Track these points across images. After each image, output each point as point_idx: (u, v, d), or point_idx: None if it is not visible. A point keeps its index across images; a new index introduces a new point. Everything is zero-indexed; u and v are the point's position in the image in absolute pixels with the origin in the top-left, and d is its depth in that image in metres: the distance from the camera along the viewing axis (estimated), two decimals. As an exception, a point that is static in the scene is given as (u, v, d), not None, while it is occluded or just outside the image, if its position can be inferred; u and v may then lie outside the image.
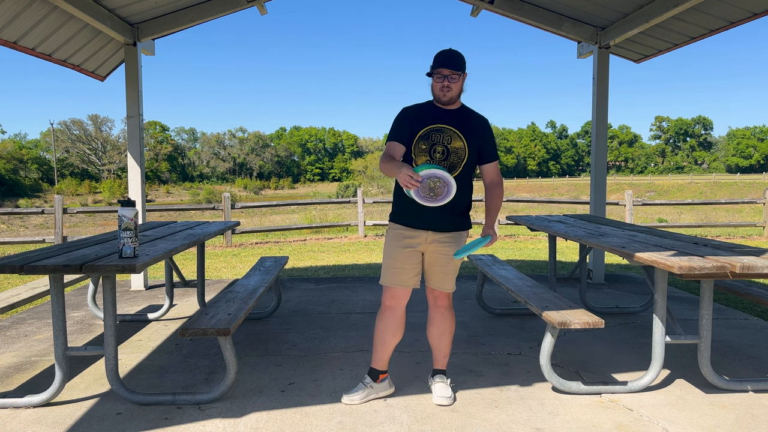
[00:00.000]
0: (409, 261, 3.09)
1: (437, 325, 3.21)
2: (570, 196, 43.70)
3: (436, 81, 3.02)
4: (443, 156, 3.02)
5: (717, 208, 22.40)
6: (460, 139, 3.04)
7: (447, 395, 3.14)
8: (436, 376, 3.26)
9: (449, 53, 3.01)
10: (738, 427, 2.86)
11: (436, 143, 3.02)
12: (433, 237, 3.08)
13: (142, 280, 6.30)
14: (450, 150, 3.02)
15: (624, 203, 11.53)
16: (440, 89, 3.02)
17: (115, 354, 3.10)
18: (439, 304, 3.20)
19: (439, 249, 3.09)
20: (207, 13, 6.11)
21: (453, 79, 2.99)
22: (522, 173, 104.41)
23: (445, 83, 2.99)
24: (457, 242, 3.12)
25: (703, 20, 5.51)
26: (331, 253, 9.50)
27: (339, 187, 52.24)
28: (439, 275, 3.13)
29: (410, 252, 3.09)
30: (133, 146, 6.24)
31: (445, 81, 2.99)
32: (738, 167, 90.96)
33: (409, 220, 3.08)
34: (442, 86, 3.00)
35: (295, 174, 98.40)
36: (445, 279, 3.13)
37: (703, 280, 3.14)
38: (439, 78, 3.00)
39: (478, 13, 6.47)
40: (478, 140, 3.08)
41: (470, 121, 3.10)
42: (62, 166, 73.80)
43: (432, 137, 3.03)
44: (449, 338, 3.24)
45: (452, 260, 3.10)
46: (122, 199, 3.17)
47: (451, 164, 3.02)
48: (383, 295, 3.16)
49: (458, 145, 3.04)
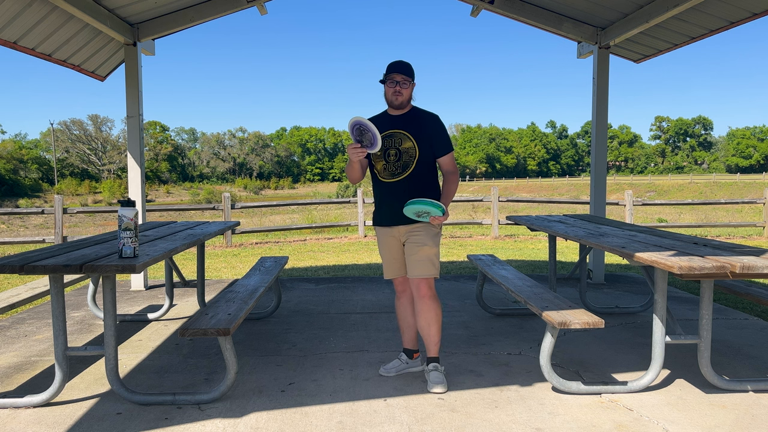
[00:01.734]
0: (395, 253, 3.48)
1: (423, 315, 3.38)
2: (570, 196, 43.68)
3: (389, 86, 3.35)
4: (396, 157, 3.36)
5: (717, 208, 22.40)
6: (410, 140, 3.35)
7: (439, 381, 3.30)
8: (430, 365, 3.42)
9: (400, 62, 3.37)
10: (738, 427, 2.86)
11: (389, 148, 3.37)
12: (405, 230, 3.40)
13: (142, 280, 6.30)
14: (401, 151, 3.35)
15: (624, 203, 11.53)
16: (393, 93, 3.35)
17: (115, 354, 3.10)
18: (422, 293, 3.36)
19: (410, 239, 3.38)
20: (207, 13, 6.11)
21: (404, 84, 3.33)
22: (522, 173, 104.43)
23: (397, 88, 3.33)
24: (426, 231, 3.35)
25: (703, 20, 5.51)
26: (331, 253, 9.50)
27: (339, 187, 52.24)
28: (413, 262, 3.36)
29: (393, 243, 3.47)
30: (133, 146, 6.25)
31: (397, 86, 3.33)
32: (738, 167, 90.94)
33: (382, 219, 3.47)
34: (395, 91, 3.34)
35: (295, 174, 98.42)
36: (418, 266, 3.33)
37: (703, 280, 3.14)
38: (392, 83, 3.34)
39: (478, 13, 6.47)
40: (427, 138, 3.38)
41: (419, 121, 3.41)
42: (62, 166, 73.81)
43: (385, 143, 3.37)
44: (437, 326, 3.39)
45: (423, 247, 3.33)
46: (122, 199, 3.17)
47: (404, 163, 3.34)
48: (396, 290, 3.61)
49: (408, 145, 3.35)
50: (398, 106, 3.39)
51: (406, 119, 3.41)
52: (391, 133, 3.38)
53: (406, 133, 3.37)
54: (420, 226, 3.36)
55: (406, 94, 3.37)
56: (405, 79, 3.33)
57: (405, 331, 3.61)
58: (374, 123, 3.28)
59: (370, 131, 3.16)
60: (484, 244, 10.58)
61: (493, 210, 11.87)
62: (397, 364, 3.56)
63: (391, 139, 3.37)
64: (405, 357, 3.58)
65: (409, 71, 3.36)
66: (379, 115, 3.52)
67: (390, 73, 3.34)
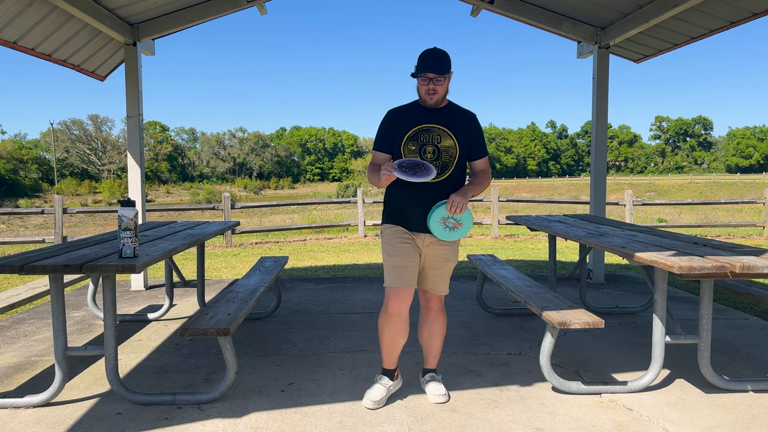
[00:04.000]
0: (411, 257, 3.02)
1: (429, 327, 3.21)
2: (570, 196, 43.68)
3: (421, 84, 2.97)
4: (434, 156, 2.97)
5: (717, 208, 22.41)
6: (450, 138, 2.99)
7: (442, 393, 3.16)
8: (427, 375, 3.28)
9: (433, 55, 2.92)
10: (738, 427, 2.86)
11: (425, 143, 2.96)
12: (430, 240, 3.04)
13: (142, 280, 6.30)
14: (441, 149, 2.97)
15: (624, 203, 11.53)
16: (426, 93, 2.96)
17: (115, 354, 3.10)
18: (431, 306, 3.18)
19: (436, 252, 3.07)
20: (207, 13, 6.11)
21: (438, 81, 2.93)
22: (522, 173, 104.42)
23: (431, 86, 2.94)
24: (452, 244, 3.09)
25: (703, 20, 5.50)
26: (331, 253, 9.50)
27: (339, 187, 52.29)
28: (434, 278, 3.11)
29: (410, 248, 3.02)
30: (133, 146, 6.24)
31: (430, 84, 2.94)
32: (738, 167, 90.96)
33: (407, 222, 3.04)
34: (428, 89, 2.95)
35: (295, 174, 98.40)
36: (439, 282, 3.12)
37: (703, 280, 3.14)
38: (424, 81, 2.95)
39: (478, 13, 6.47)
40: (468, 137, 3.05)
41: (459, 119, 3.05)
42: (62, 166, 73.81)
43: (421, 137, 2.97)
44: (440, 339, 3.24)
45: (447, 263, 3.10)
46: (122, 199, 3.17)
47: (443, 163, 2.98)
48: (389, 299, 3.02)
49: (449, 143, 2.99)
50: (433, 106, 3.02)
51: (445, 114, 3.04)
52: (428, 128, 2.98)
53: (446, 130, 3.00)
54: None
55: (441, 91, 2.97)
56: (439, 76, 2.92)
57: (391, 352, 3.14)
58: (406, 113, 3.02)
59: (423, 164, 2.85)
60: (484, 244, 10.58)
61: (493, 210, 11.87)
62: (383, 391, 3.12)
63: (428, 134, 2.98)
64: (387, 380, 3.17)
65: (443, 66, 2.92)
66: (412, 104, 3.10)
67: (422, 70, 2.92)
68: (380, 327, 3.10)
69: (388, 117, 3.09)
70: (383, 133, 3.07)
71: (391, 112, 3.10)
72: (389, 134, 3.04)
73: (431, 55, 2.93)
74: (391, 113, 3.09)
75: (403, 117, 3.04)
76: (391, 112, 3.10)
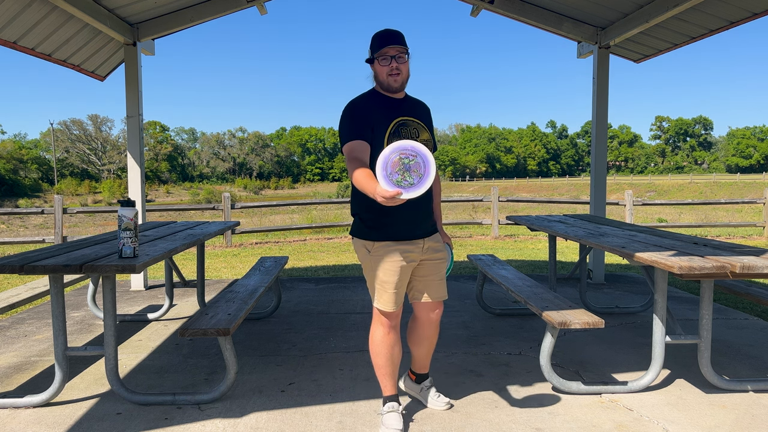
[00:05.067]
0: (407, 278, 2.74)
1: (428, 337, 2.92)
2: (570, 196, 43.67)
3: (381, 65, 2.61)
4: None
5: (717, 208, 22.39)
6: (426, 131, 2.73)
7: (446, 400, 3.06)
8: (425, 382, 3.09)
9: (390, 32, 2.61)
10: (738, 427, 2.86)
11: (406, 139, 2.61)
12: (428, 243, 2.76)
13: (142, 280, 6.30)
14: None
15: (624, 203, 11.53)
16: (389, 74, 2.61)
17: (115, 354, 3.10)
18: (432, 317, 2.85)
19: (433, 255, 2.79)
20: (207, 13, 6.11)
21: (402, 59, 2.61)
22: (522, 173, 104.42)
23: (393, 65, 2.60)
24: (440, 242, 2.86)
25: (703, 20, 5.50)
26: (331, 253, 9.50)
27: (339, 187, 52.23)
28: (436, 283, 2.81)
29: (409, 267, 2.72)
30: (133, 146, 6.24)
31: (393, 62, 2.60)
32: (738, 167, 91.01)
33: (402, 232, 2.67)
34: (391, 69, 2.60)
35: (295, 174, 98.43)
36: (442, 285, 2.84)
37: (703, 280, 3.14)
38: (385, 60, 2.60)
39: (478, 13, 6.47)
40: (432, 129, 2.83)
41: (422, 109, 2.82)
42: (62, 166, 73.83)
43: (402, 133, 2.63)
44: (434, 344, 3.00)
45: (442, 261, 2.85)
46: (122, 199, 3.17)
47: None
48: (384, 322, 2.75)
49: (426, 137, 2.71)
50: (397, 90, 2.67)
51: (413, 105, 2.76)
52: (404, 121, 2.66)
53: (420, 123, 2.71)
54: (437, 235, 2.85)
55: (405, 71, 2.64)
56: (401, 51, 2.59)
57: (392, 374, 2.82)
58: (375, 105, 2.65)
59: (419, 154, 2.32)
60: (484, 244, 10.58)
61: (493, 210, 11.87)
62: (400, 418, 2.79)
63: (406, 128, 2.65)
64: (397, 404, 2.83)
65: (402, 39, 2.61)
66: (371, 94, 2.72)
67: (381, 47, 2.59)
68: (377, 349, 2.77)
69: (356, 107, 2.67)
70: (359, 121, 2.62)
71: (359, 105, 2.69)
72: (366, 123, 2.62)
73: (387, 32, 2.62)
74: (360, 106, 2.68)
75: (376, 110, 2.65)
76: (358, 104, 2.69)
